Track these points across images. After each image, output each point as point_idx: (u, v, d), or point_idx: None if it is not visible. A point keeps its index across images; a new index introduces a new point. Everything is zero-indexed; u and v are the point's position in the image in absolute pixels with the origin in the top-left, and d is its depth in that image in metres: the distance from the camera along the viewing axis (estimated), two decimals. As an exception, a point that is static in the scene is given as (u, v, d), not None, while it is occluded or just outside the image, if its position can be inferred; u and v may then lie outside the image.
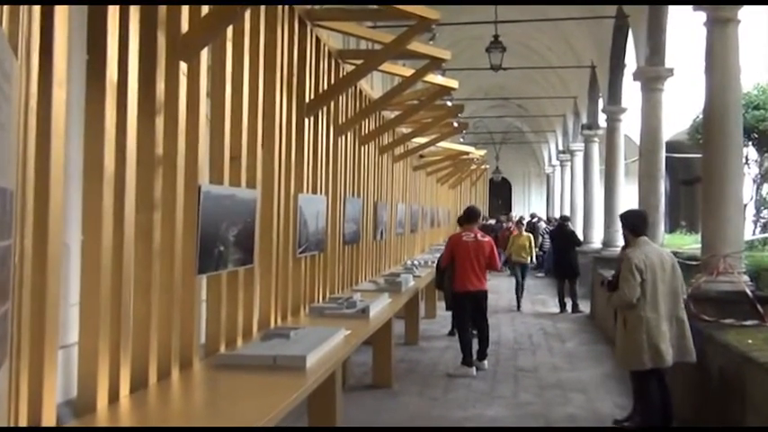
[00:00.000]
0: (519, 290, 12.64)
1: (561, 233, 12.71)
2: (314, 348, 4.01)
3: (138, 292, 3.27)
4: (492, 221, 18.87)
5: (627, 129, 14.99)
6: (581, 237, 13.84)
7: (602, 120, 16.20)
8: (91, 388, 2.90)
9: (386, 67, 7.00)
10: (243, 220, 4.19)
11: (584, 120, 18.38)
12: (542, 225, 20.24)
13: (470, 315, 7.76)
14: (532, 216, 23.08)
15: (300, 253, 5.68)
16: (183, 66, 3.57)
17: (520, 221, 15.66)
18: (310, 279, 6.11)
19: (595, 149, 17.82)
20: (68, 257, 3.29)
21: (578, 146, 21.02)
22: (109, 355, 2.99)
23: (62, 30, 2.59)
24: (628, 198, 14.84)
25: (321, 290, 6.47)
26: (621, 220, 5.42)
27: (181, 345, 3.59)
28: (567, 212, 20.37)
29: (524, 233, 13.36)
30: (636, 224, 5.29)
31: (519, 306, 12.35)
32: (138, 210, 3.23)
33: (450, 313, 8.71)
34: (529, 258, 13.04)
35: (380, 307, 6.23)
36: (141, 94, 3.22)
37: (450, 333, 9.28)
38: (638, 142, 10.27)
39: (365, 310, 5.69)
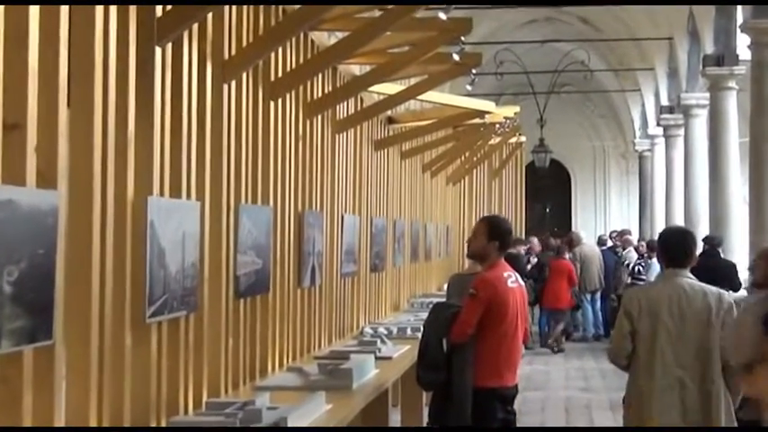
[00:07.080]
0: None
1: (712, 268, 12.78)
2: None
3: None
4: (519, 249, 17.96)
5: (790, 64, 15.35)
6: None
7: (742, 47, 16.51)
8: None
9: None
10: (31, 252, 4.21)
11: (707, 48, 18.73)
12: (631, 255, 20.52)
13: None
14: (619, 235, 23.24)
15: (152, 316, 5.71)
16: None
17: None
18: (170, 367, 6.15)
19: (731, 103, 18.11)
20: None
21: (698, 98, 21.39)
22: None
23: None
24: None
25: (192, 387, 6.51)
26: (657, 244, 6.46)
27: None
28: (678, 221, 20.67)
29: None
30: (668, 250, 6.17)
31: None
32: None
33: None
34: None
35: (310, 420, 6.30)
36: None
37: None
38: (809, 90, 10.53)
39: (279, 427, 5.74)
